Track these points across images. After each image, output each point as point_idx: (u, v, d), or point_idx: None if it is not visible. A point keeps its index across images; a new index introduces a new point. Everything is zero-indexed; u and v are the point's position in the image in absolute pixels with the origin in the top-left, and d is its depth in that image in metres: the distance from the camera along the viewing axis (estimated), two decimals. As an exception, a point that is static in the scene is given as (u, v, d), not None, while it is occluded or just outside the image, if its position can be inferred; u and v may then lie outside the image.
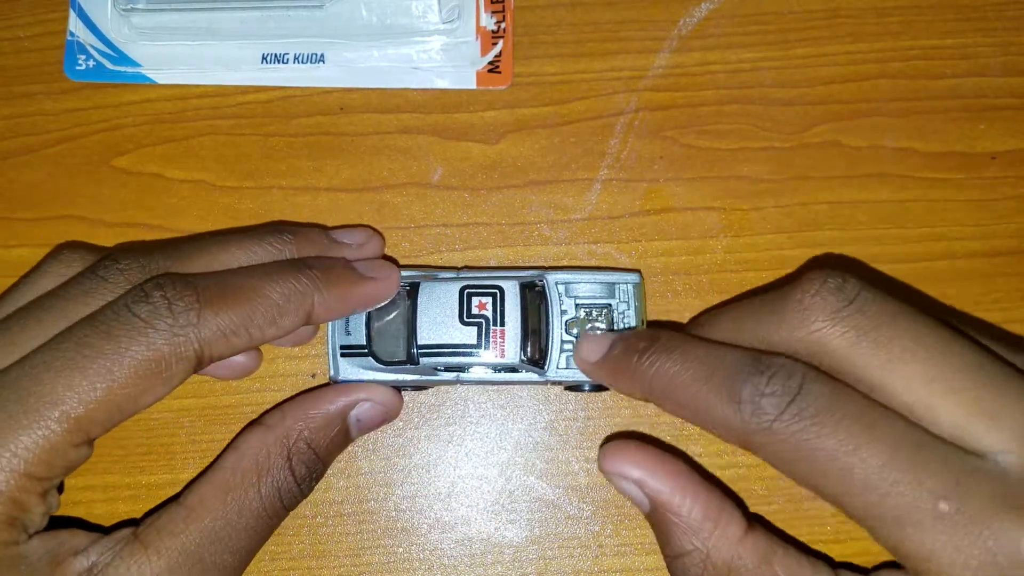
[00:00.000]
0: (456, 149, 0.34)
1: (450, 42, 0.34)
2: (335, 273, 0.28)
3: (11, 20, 0.34)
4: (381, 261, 0.30)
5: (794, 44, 0.34)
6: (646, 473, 0.26)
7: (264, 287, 0.26)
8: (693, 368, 0.25)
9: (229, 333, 0.25)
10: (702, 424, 0.25)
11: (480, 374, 0.29)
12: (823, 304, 0.24)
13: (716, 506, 0.26)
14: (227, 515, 0.26)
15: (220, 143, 0.34)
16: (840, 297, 0.24)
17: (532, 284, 0.29)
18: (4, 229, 0.33)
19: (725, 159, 0.33)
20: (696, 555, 0.25)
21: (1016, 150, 0.33)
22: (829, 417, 0.23)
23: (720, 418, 0.24)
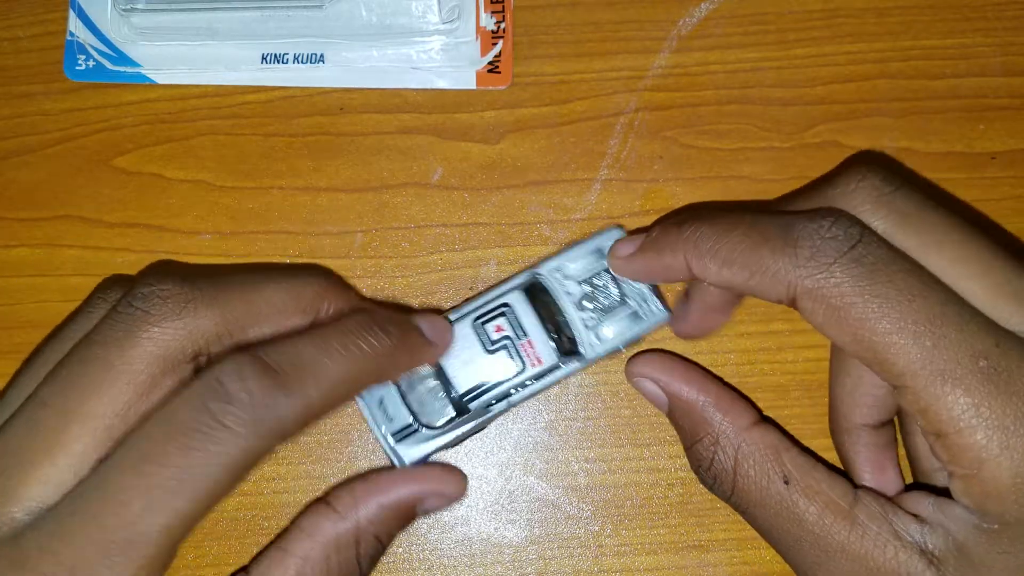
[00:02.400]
0: (456, 149, 0.34)
1: (450, 42, 0.34)
2: (408, 343, 0.27)
3: (11, 20, 0.34)
4: (442, 324, 0.29)
5: (794, 44, 0.34)
6: (665, 372, 0.28)
7: (344, 367, 0.25)
8: (742, 228, 0.25)
9: (311, 417, 0.24)
10: (750, 279, 0.25)
11: (530, 390, 0.29)
12: (869, 189, 0.26)
13: (727, 399, 0.27)
14: None
15: (220, 143, 0.34)
16: (885, 185, 0.26)
17: (531, 285, 0.29)
18: (4, 229, 0.33)
19: (725, 159, 0.33)
20: (707, 440, 0.27)
21: (1016, 150, 0.33)
22: (887, 266, 0.24)
23: (772, 267, 0.24)
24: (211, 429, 0.23)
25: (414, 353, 0.28)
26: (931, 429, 0.24)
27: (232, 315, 0.25)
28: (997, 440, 0.22)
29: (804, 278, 0.24)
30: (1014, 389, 0.23)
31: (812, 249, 0.24)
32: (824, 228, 0.24)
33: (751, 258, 0.25)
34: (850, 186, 0.26)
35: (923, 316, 0.23)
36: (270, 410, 0.23)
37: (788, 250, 0.24)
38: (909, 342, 0.23)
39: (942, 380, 0.23)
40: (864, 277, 0.24)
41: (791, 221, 0.25)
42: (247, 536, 0.31)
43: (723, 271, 0.25)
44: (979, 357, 0.23)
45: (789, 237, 0.24)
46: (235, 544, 0.31)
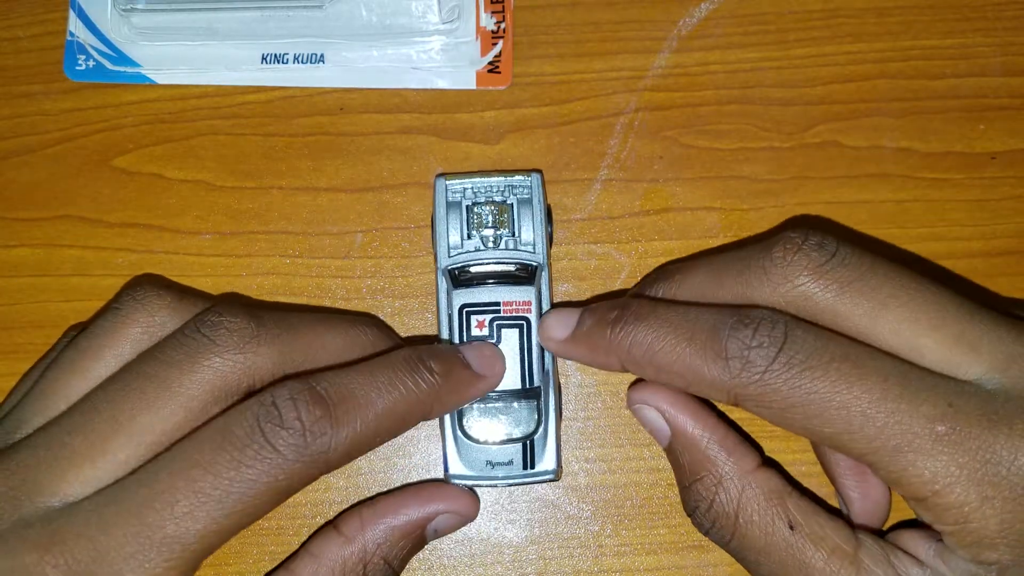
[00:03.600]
0: (456, 149, 0.34)
1: (450, 42, 0.34)
2: (454, 378, 0.27)
3: (11, 20, 0.34)
4: (492, 353, 0.29)
5: (794, 44, 0.34)
6: (672, 403, 0.27)
7: (391, 403, 0.25)
8: (672, 332, 0.25)
9: (354, 451, 0.25)
10: (688, 386, 0.25)
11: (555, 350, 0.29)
12: (806, 260, 0.25)
13: (733, 440, 0.27)
14: None
15: (220, 143, 0.34)
16: (822, 252, 0.25)
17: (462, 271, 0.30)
18: (4, 229, 0.33)
19: (725, 159, 0.33)
20: (709, 480, 0.26)
21: (1016, 150, 0.33)
22: (818, 360, 0.24)
23: (708, 377, 0.25)
24: (261, 448, 0.23)
25: (461, 387, 0.28)
26: (908, 496, 0.24)
27: (291, 356, 0.26)
28: (975, 493, 0.23)
29: (739, 387, 0.24)
30: (977, 444, 0.23)
31: (742, 360, 0.24)
32: (749, 336, 0.24)
33: (685, 368, 0.25)
34: (788, 257, 0.25)
35: (865, 399, 0.23)
36: (319, 440, 0.24)
37: (720, 362, 0.24)
38: (859, 427, 0.23)
39: (903, 452, 0.23)
40: (797, 377, 0.24)
41: (717, 327, 0.25)
42: (247, 536, 0.31)
43: (660, 377, 0.26)
44: (935, 423, 0.23)
45: (718, 348, 0.24)
46: (235, 544, 0.31)
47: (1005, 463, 0.23)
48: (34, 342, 0.32)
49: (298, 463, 0.24)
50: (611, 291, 0.33)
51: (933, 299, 0.25)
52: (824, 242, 0.25)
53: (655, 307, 0.26)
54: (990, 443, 0.23)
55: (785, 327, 0.24)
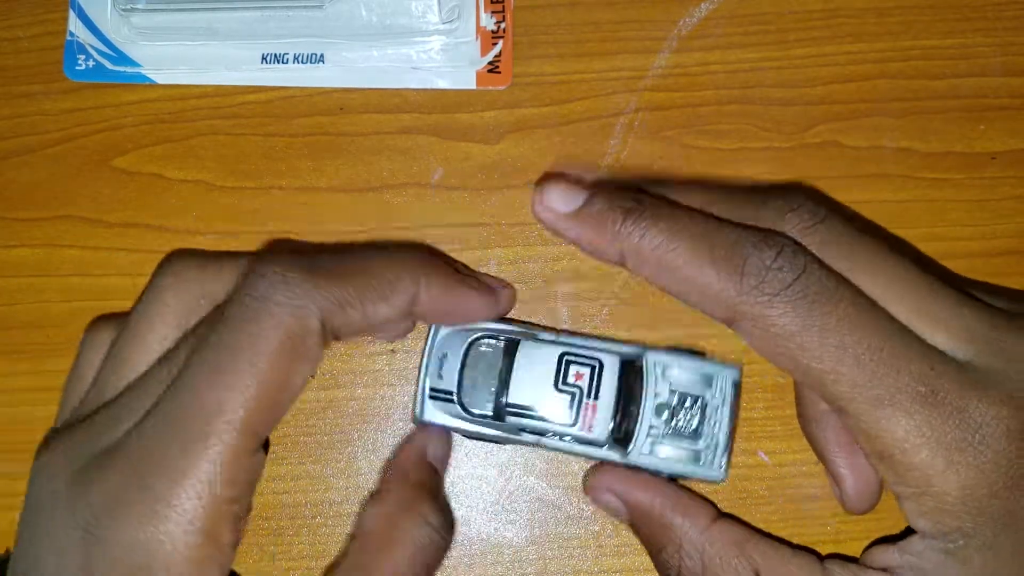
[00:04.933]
0: (456, 149, 0.34)
1: (450, 42, 0.34)
2: (441, 267, 0.28)
3: (11, 20, 0.34)
4: (499, 279, 0.30)
5: (794, 44, 0.34)
6: (621, 482, 0.28)
7: (374, 263, 0.26)
8: (689, 236, 0.25)
9: (346, 304, 0.25)
10: (688, 293, 0.25)
11: (560, 444, 0.28)
12: (797, 218, 0.26)
13: (685, 499, 0.27)
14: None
15: (220, 143, 0.34)
16: (813, 215, 0.26)
17: (632, 362, 0.28)
18: (4, 229, 0.33)
19: (725, 159, 0.33)
20: (670, 548, 0.27)
21: (1016, 150, 0.33)
22: (829, 297, 0.24)
23: (715, 288, 0.25)
24: (255, 310, 0.24)
25: (452, 283, 0.28)
26: (874, 451, 0.24)
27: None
28: (942, 457, 0.23)
29: (745, 304, 0.24)
30: (951, 410, 0.23)
31: (758, 278, 0.24)
32: (771, 258, 0.24)
33: (694, 273, 0.25)
34: (781, 214, 0.26)
35: (863, 344, 0.24)
36: (302, 285, 0.24)
37: (734, 276, 0.24)
38: (848, 369, 0.24)
39: (882, 405, 0.24)
40: (805, 308, 0.24)
41: (739, 241, 0.25)
42: (247, 536, 0.31)
43: (661, 276, 0.26)
44: (918, 382, 0.24)
45: (736, 261, 0.24)
46: (235, 544, 0.31)
47: (973, 430, 0.23)
48: (34, 342, 0.32)
49: (290, 308, 0.24)
50: (611, 291, 0.33)
51: (903, 273, 0.25)
52: (818, 208, 0.26)
53: (674, 209, 0.26)
54: (962, 409, 0.23)
55: (805, 259, 0.25)
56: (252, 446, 0.24)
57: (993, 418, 0.23)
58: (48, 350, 0.32)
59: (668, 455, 0.28)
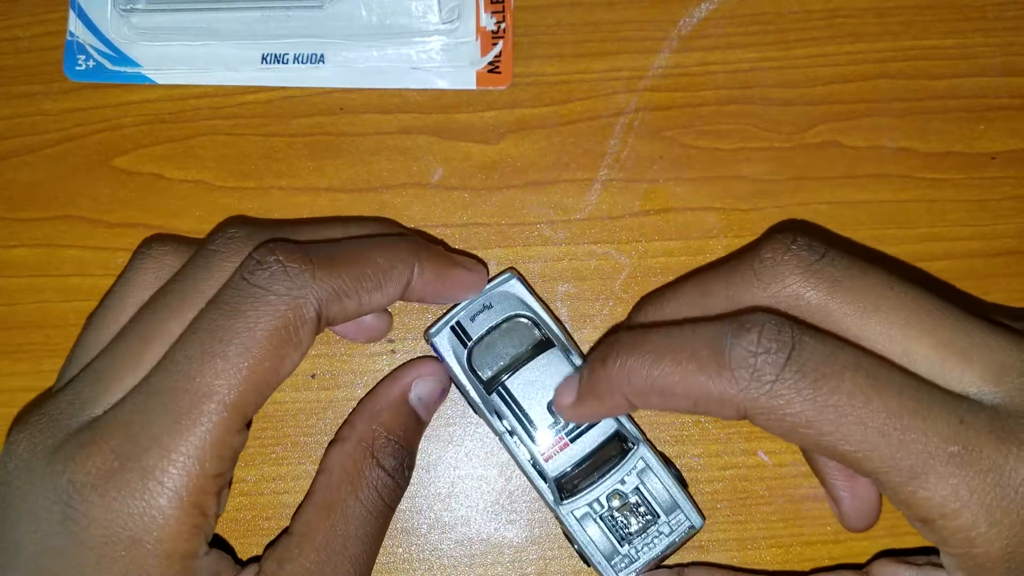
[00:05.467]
0: (456, 149, 0.34)
1: (450, 42, 0.34)
2: (434, 250, 0.28)
3: (11, 20, 0.34)
4: (471, 258, 0.31)
5: (794, 44, 0.34)
6: None
7: (370, 252, 0.27)
8: (668, 352, 0.24)
9: (342, 294, 0.25)
10: (696, 407, 0.24)
11: (517, 450, 0.29)
12: (795, 259, 0.25)
13: None
14: (335, 529, 0.26)
15: (220, 143, 0.34)
16: (812, 252, 0.25)
17: (625, 438, 0.29)
18: (4, 229, 0.33)
19: (725, 159, 0.33)
20: None
21: (1016, 150, 0.33)
22: (831, 368, 0.23)
23: (715, 393, 0.23)
24: (254, 297, 0.24)
25: (444, 260, 0.28)
26: (915, 518, 0.23)
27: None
28: (984, 518, 0.22)
29: (750, 400, 0.23)
30: (988, 465, 0.22)
31: (749, 370, 0.23)
32: (754, 343, 0.23)
33: (690, 387, 0.24)
34: (777, 257, 0.25)
35: (882, 414, 0.22)
36: (300, 275, 0.25)
37: (725, 375, 0.23)
38: (875, 445, 0.22)
39: (916, 475, 0.22)
40: (810, 388, 0.23)
41: (718, 337, 0.24)
42: (247, 536, 0.31)
43: (667, 402, 0.25)
44: (948, 443, 0.22)
45: (722, 360, 0.23)
46: (235, 544, 0.31)
47: (1013, 486, 0.22)
48: (34, 342, 0.32)
49: (289, 299, 0.24)
50: (611, 291, 0.33)
51: (924, 304, 0.24)
52: (813, 244, 0.25)
53: (645, 333, 0.25)
54: (1000, 464, 0.22)
55: (792, 331, 0.23)
56: (239, 425, 0.24)
57: None
58: (48, 350, 0.32)
59: (592, 535, 0.29)
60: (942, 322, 0.24)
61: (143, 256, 0.28)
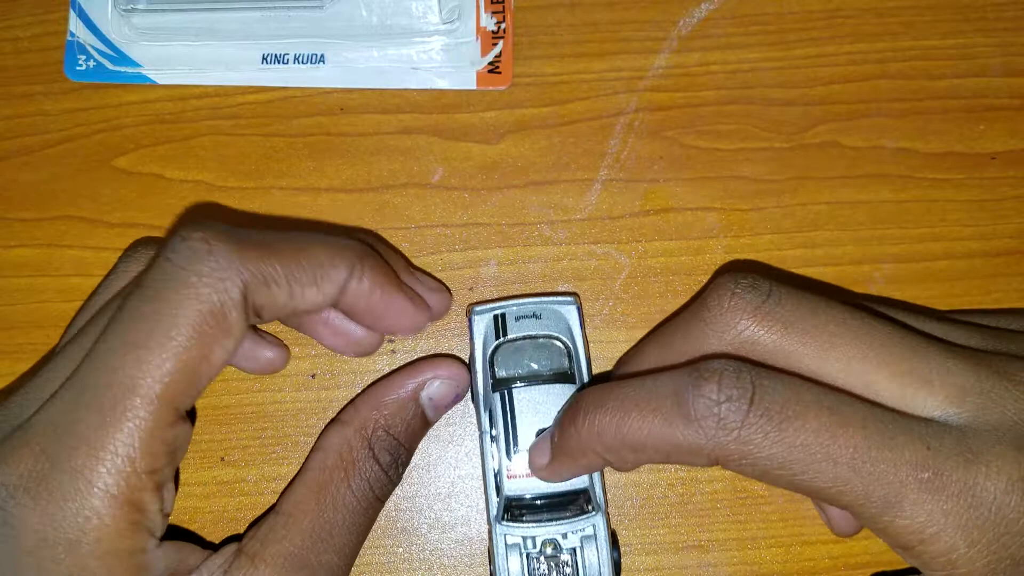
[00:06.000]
0: (456, 149, 0.34)
1: (450, 42, 0.34)
2: (383, 266, 0.27)
3: (11, 20, 0.34)
4: (437, 284, 0.30)
5: (794, 44, 0.34)
6: None
7: (308, 245, 0.25)
8: (633, 406, 0.24)
9: (271, 280, 0.24)
10: (668, 458, 0.24)
11: (488, 455, 0.29)
12: (743, 303, 0.25)
13: None
14: (323, 514, 0.26)
15: (220, 143, 0.34)
16: (756, 294, 0.25)
17: (588, 499, 0.29)
18: (4, 229, 0.33)
19: (725, 159, 0.33)
20: None
21: (1016, 150, 0.33)
22: (794, 409, 0.23)
23: (684, 444, 0.23)
24: (176, 278, 0.23)
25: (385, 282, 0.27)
26: (895, 544, 0.24)
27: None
28: (962, 539, 0.22)
29: (720, 448, 0.23)
30: (959, 488, 0.22)
31: (714, 419, 0.23)
32: (714, 392, 0.23)
33: (659, 441, 0.24)
34: (724, 303, 0.25)
35: (849, 449, 0.23)
36: (230, 259, 0.23)
37: (692, 426, 0.23)
38: (846, 480, 0.23)
39: (890, 505, 0.23)
40: (776, 430, 0.23)
41: (678, 389, 0.24)
42: (247, 536, 0.31)
43: (639, 456, 0.25)
44: (918, 470, 0.22)
45: (686, 412, 0.23)
46: (235, 544, 0.31)
47: (987, 504, 0.22)
48: (34, 342, 0.32)
49: (212, 280, 0.23)
50: (611, 291, 0.33)
51: (879, 334, 0.24)
52: (756, 283, 0.25)
53: (610, 389, 0.25)
54: (971, 485, 0.22)
55: (750, 375, 0.23)
56: (170, 419, 0.23)
57: (1005, 488, 0.22)
58: (48, 350, 0.32)
59: (511, 566, 0.28)
60: (899, 351, 0.24)
61: (128, 259, 0.28)
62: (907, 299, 0.32)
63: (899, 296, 0.32)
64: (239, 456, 0.32)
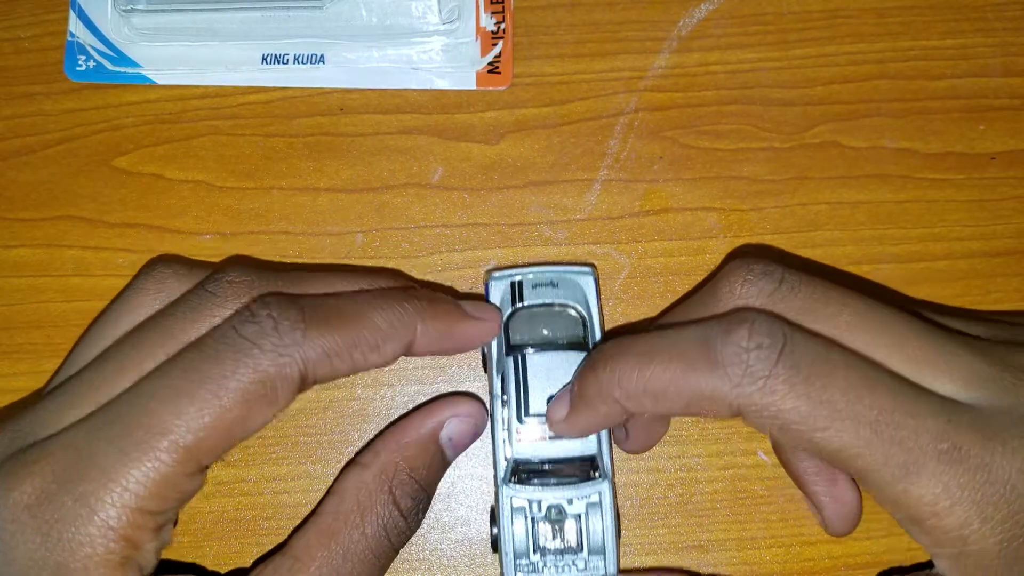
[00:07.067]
0: (456, 149, 0.34)
1: (450, 43, 0.34)
2: (440, 307, 0.27)
3: (11, 20, 0.34)
4: (485, 304, 0.29)
5: (794, 44, 0.34)
6: None
7: (369, 312, 0.25)
8: (658, 353, 0.24)
9: (333, 355, 0.24)
10: (689, 407, 0.24)
11: (499, 417, 0.29)
12: (756, 290, 0.25)
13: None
14: (333, 561, 0.25)
15: (220, 143, 0.34)
16: (769, 280, 0.25)
17: (596, 466, 0.28)
18: (4, 229, 0.33)
19: (725, 159, 0.33)
20: None
21: (1016, 150, 0.33)
22: (823, 365, 0.23)
23: (707, 391, 0.23)
24: (237, 347, 0.23)
25: (447, 316, 0.27)
26: (905, 518, 0.23)
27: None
28: (976, 515, 0.22)
29: (743, 397, 0.23)
30: (977, 463, 0.22)
31: (741, 366, 0.23)
32: (744, 339, 0.23)
33: (682, 387, 0.24)
34: (734, 292, 0.25)
35: (875, 411, 0.23)
36: (290, 333, 0.24)
37: (717, 372, 0.23)
38: (867, 442, 0.22)
39: (907, 472, 0.22)
40: (804, 384, 0.23)
41: (706, 336, 0.24)
42: (247, 536, 0.31)
43: (659, 405, 0.24)
44: (937, 441, 0.22)
45: (713, 357, 0.23)
46: (235, 544, 0.31)
47: (1002, 481, 0.22)
48: (34, 342, 0.32)
49: (274, 356, 0.23)
50: (611, 291, 0.33)
51: (890, 320, 0.24)
52: (768, 269, 0.25)
53: (634, 338, 0.25)
54: (987, 461, 0.22)
55: (782, 328, 0.23)
56: (190, 470, 0.23)
57: (1020, 467, 0.22)
58: (48, 350, 0.32)
59: (515, 528, 0.28)
60: (914, 337, 0.24)
61: (145, 277, 0.28)
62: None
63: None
64: (239, 456, 0.32)
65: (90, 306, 0.32)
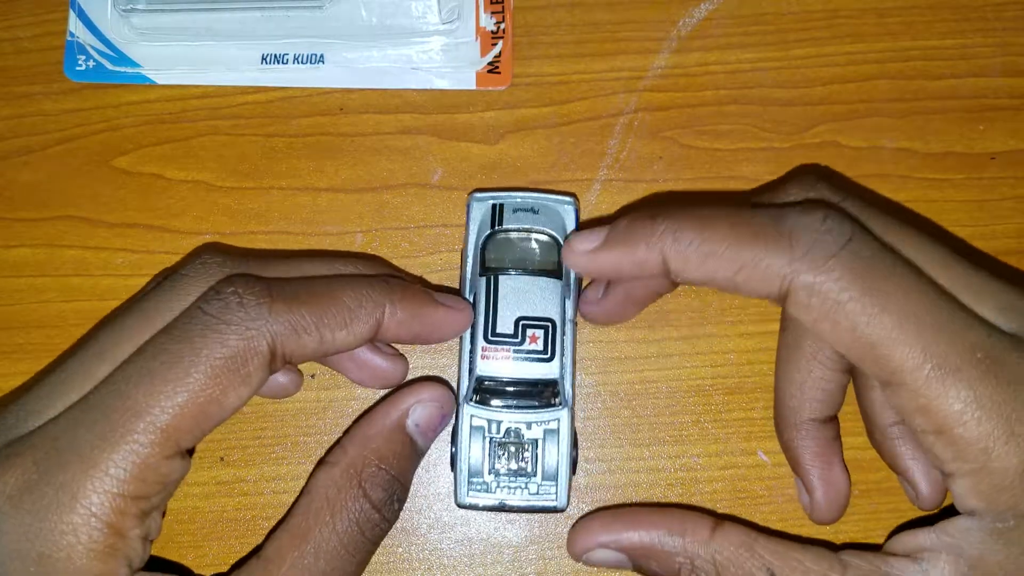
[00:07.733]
0: (456, 149, 0.34)
1: (450, 43, 0.34)
2: (410, 291, 0.27)
3: (11, 20, 0.34)
4: (457, 296, 0.29)
5: (794, 44, 0.34)
6: (606, 532, 0.27)
7: (337, 290, 0.26)
8: (724, 218, 0.25)
9: (300, 330, 0.25)
10: (736, 275, 0.24)
11: (468, 338, 0.29)
12: (828, 192, 0.26)
13: (678, 520, 0.26)
14: (305, 561, 0.25)
15: (220, 143, 0.34)
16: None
17: (557, 393, 0.29)
18: (4, 229, 0.33)
19: (725, 159, 0.33)
20: (684, 569, 0.26)
21: (1016, 150, 0.33)
22: (882, 262, 0.24)
23: (765, 261, 0.24)
24: (204, 324, 0.24)
25: (417, 301, 0.27)
26: (932, 426, 0.23)
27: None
28: (1003, 429, 0.22)
29: (801, 272, 0.24)
30: (1011, 377, 0.23)
31: (809, 243, 0.24)
32: (819, 221, 0.24)
33: (740, 251, 0.24)
34: (807, 190, 0.26)
35: (922, 311, 0.23)
36: (255, 308, 0.24)
37: (783, 243, 0.24)
38: (910, 337, 0.23)
39: (942, 374, 0.23)
40: (863, 273, 0.23)
41: (782, 213, 0.25)
42: (247, 536, 0.31)
43: (707, 264, 0.25)
44: (976, 349, 0.23)
45: (782, 229, 0.24)
46: (235, 544, 0.31)
47: None
48: (34, 342, 0.32)
49: (240, 330, 0.24)
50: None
51: (938, 246, 0.26)
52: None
53: (702, 209, 0.26)
54: (1021, 379, 0.23)
55: (851, 225, 0.24)
56: (170, 452, 0.23)
57: None
58: (48, 350, 0.32)
59: (472, 447, 0.29)
60: (955, 265, 0.25)
61: (194, 267, 0.27)
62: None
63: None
64: (238, 456, 0.32)
65: (90, 306, 0.32)
